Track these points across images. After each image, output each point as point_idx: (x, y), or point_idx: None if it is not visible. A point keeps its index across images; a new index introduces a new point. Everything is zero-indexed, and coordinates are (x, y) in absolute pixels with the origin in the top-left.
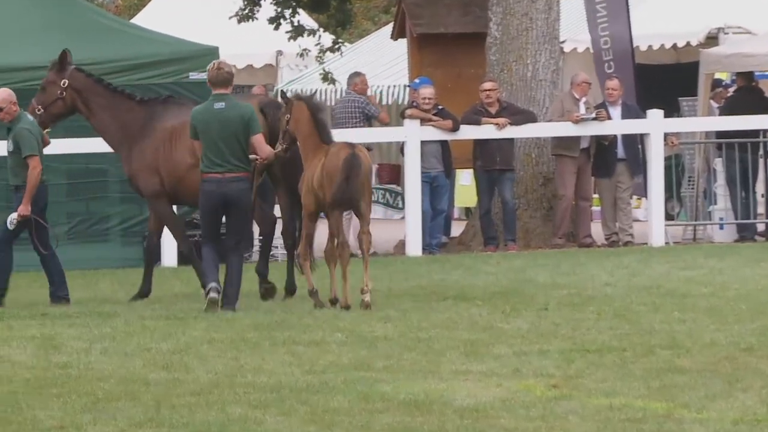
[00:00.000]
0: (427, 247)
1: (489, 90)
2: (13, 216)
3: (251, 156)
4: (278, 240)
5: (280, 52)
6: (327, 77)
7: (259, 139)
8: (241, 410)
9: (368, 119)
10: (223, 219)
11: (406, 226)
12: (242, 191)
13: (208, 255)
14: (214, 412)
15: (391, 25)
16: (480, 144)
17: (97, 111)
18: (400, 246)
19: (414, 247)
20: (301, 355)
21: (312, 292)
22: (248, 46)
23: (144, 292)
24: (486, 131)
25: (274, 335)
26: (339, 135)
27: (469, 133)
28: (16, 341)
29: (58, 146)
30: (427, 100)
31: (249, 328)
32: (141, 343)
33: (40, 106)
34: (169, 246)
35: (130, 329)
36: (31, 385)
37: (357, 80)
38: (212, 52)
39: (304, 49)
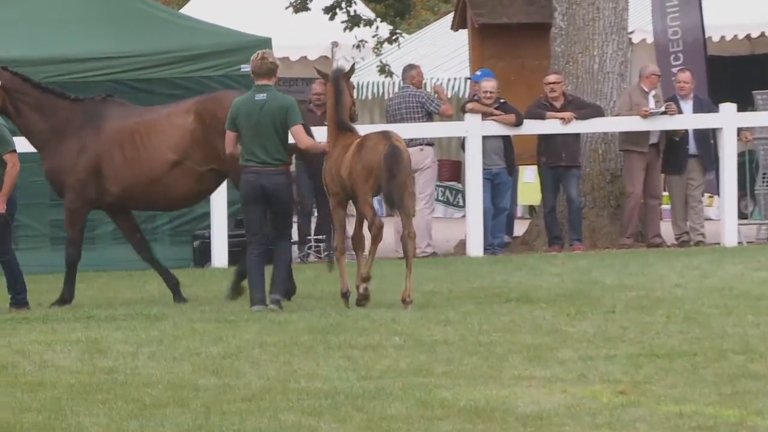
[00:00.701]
0: (488, 247)
1: (553, 83)
2: None
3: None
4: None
5: (335, 44)
6: (384, 69)
7: (298, 130)
8: (294, 417)
9: (429, 115)
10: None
11: (466, 225)
12: (281, 185)
13: (254, 266)
14: (266, 419)
15: (451, 15)
16: (544, 139)
17: (25, 111)
18: (461, 246)
19: (475, 247)
20: (357, 360)
21: (344, 294)
22: (302, 37)
23: (65, 299)
24: (550, 126)
25: (329, 339)
26: (397, 129)
27: (532, 127)
28: (60, 345)
29: None
30: (488, 94)
31: (303, 331)
32: (190, 347)
33: None
34: (219, 246)
35: (178, 332)
36: (75, 391)
37: (413, 73)
38: (265, 44)
39: (361, 41)
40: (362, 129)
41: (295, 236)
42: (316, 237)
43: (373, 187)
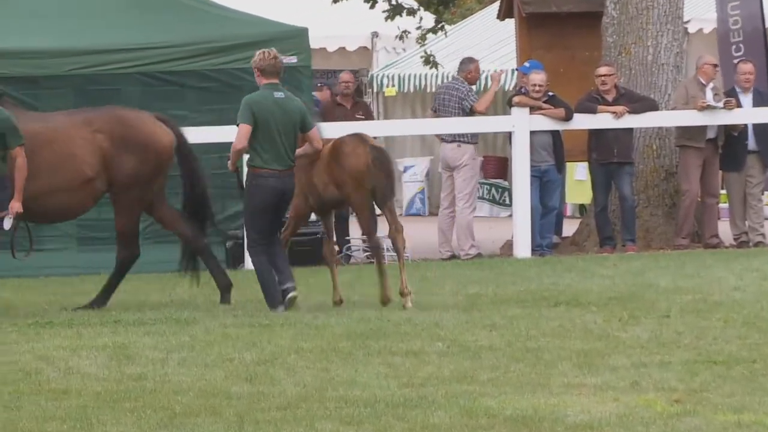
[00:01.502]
0: (536, 248)
1: (605, 75)
2: (11, 215)
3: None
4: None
5: (375, 34)
6: (429, 60)
7: (315, 132)
8: (332, 426)
9: (468, 113)
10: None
11: (513, 224)
12: (294, 187)
13: (268, 268)
14: (302, 428)
15: (497, 4)
16: (595, 134)
17: None
18: (507, 246)
19: (522, 248)
20: (398, 367)
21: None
22: (341, 27)
23: None
24: (602, 120)
25: (369, 344)
26: (442, 123)
27: (583, 122)
28: (86, 351)
29: None
30: (536, 87)
31: (341, 336)
32: (222, 353)
33: None
34: None
35: (210, 338)
36: (102, 399)
37: (471, 67)
38: (301, 34)
39: (404, 31)
40: (395, 125)
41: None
42: (356, 237)
43: (365, 195)
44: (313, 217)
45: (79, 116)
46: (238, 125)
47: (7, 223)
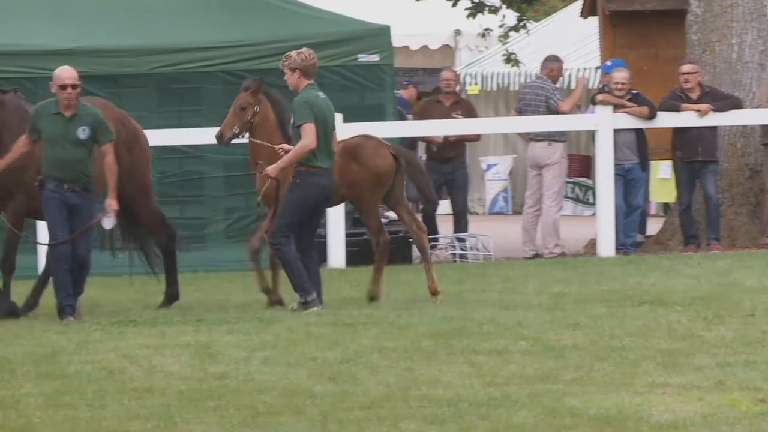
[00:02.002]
0: (620, 247)
1: (689, 73)
2: (110, 214)
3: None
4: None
5: (458, 32)
6: (510, 59)
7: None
8: (416, 426)
9: (553, 111)
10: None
11: (597, 223)
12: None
13: (297, 260)
14: (385, 427)
15: (580, 2)
16: (679, 133)
17: None
18: (591, 245)
19: (606, 247)
20: (482, 366)
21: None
22: (423, 25)
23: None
24: (686, 119)
25: (452, 344)
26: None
27: (667, 120)
28: (170, 349)
29: (212, 135)
30: (620, 85)
31: (424, 336)
32: (305, 352)
33: None
34: (336, 246)
35: (293, 336)
36: (185, 398)
37: (554, 66)
38: (383, 32)
39: (486, 29)
40: (478, 123)
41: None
42: (442, 236)
43: (381, 195)
44: (393, 216)
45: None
46: (300, 126)
47: (108, 223)
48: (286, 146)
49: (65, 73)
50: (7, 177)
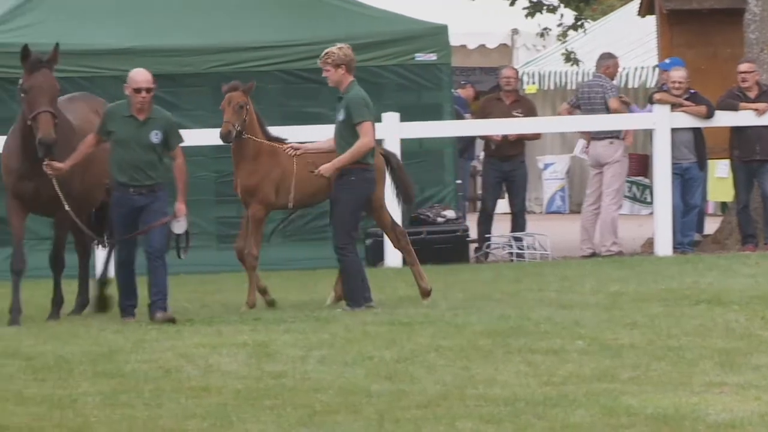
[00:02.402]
0: (678, 246)
1: (746, 72)
2: (181, 218)
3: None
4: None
5: (515, 31)
6: (569, 57)
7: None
8: (472, 425)
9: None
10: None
11: (654, 222)
12: None
13: (362, 271)
14: (442, 426)
15: (638, 1)
16: (737, 132)
17: None
18: (648, 244)
19: (663, 246)
20: (539, 365)
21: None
22: (481, 24)
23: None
24: (744, 118)
25: (509, 343)
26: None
27: (724, 120)
28: (227, 348)
29: (287, 134)
30: (677, 84)
31: (481, 334)
32: (362, 351)
33: None
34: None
35: (350, 336)
36: (242, 397)
37: (609, 62)
38: (441, 31)
39: (545, 28)
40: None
41: (473, 234)
42: (496, 236)
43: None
44: (452, 215)
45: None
46: (359, 123)
47: (179, 227)
48: (295, 145)
49: (140, 76)
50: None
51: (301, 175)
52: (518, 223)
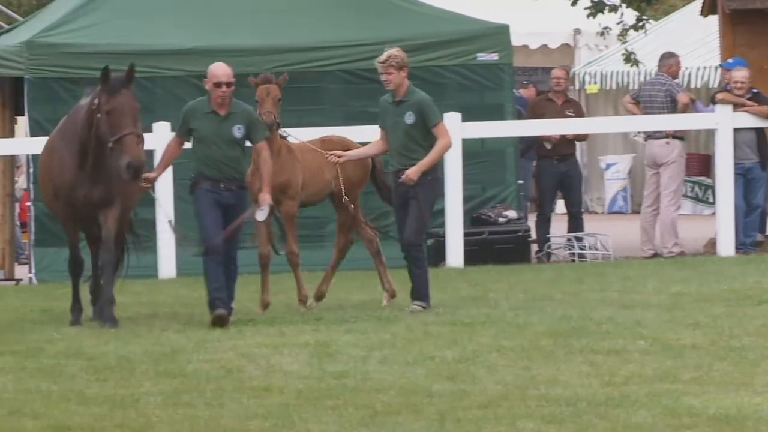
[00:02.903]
0: (740, 246)
1: None
2: (264, 207)
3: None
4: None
5: (577, 31)
6: (629, 58)
7: None
8: (533, 425)
9: (675, 104)
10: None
11: (717, 222)
12: None
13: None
14: (503, 426)
15: (700, 1)
16: None
17: None
18: (711, 245)
19: (726, 246)
20: (600, 365)
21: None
22: (542, 24)
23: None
24: None
25: (570, 343)
26: (643, 120)
27: None
28: (288, 348)
29: (350, 134)
30: (740, 84)
31: (542, 335)
32: (424, 351)
33: None
34: (454, 244)
35: (411, 336)
36: (303, 397)
37: (671, 62)
38: (503, 31)
39: (605, 28)
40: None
41: (533, 235)
42: (557, 236)
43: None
44: (513, 215)
45: None
46: (438, 124)
47: (261, 215)
48: (338, 152)
49: (220, 70)
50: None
51: (306, 174)
52: (576, 223)
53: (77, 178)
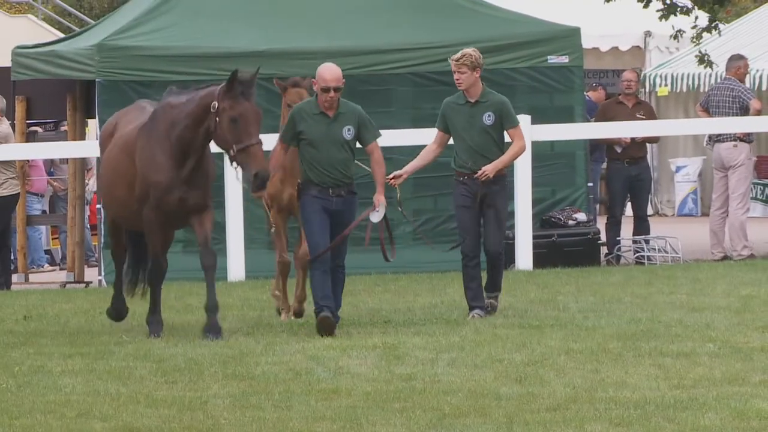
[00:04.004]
0: None
1: None
2: (379, 208)
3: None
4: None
5: (648, 33)
6: (703, 60)
7: None
8: (602, 428)
9: (745, 109)
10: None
11: None
12: None
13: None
14: (571, 429)
15: None
16: None
17: None
18: None
19: None
20: (669, 368)
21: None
22: (613, 26)
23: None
24: None
25: (639, 346)
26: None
27: None
28: (356, 351)
29: (402, 137)
30: None
31: (611, 337)
32: (492, 354)
33: None
34: (523, 247)
35: (480, 338)
36: (371, 399)
37: (739, 63)
38: (573, 34)
39: (679, 30)
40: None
41: (603, 237)
42: (626, 238)
43: None
44: (582, 217)
45: None
46: (517, 126)
47: (376, 216)
48: (397, 173)
49: (328, 73)
50: None
51: None
52: (643, 226)
53: (173, 180)
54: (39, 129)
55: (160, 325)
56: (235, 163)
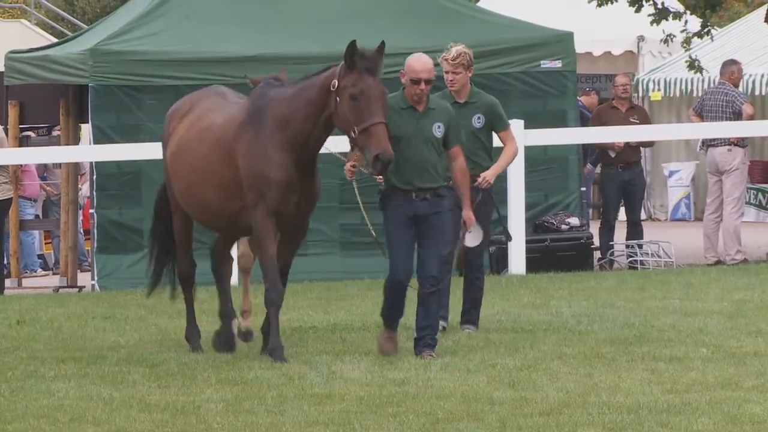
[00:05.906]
0: None
1: None
2: (472, 229)
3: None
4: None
5: (641, 38)
6: (693, 65)
7: None
8: None
9: (738, 114)
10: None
11: None
12: None
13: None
14: None
15: (765, 8)
16: None
17: None
18: None
19: None
20: (662, 373)
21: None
22: (606, 31)
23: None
24: None
25: (632, 350)
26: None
27: None
28: (350, 356)
29: None
30: None
31: (604, 342)
32: (485, 359)
33: None
34: (517, 252)
35: (473, 343)
36: (365, 404)
37: (734, 68)
38: (566, 39)
39: (669, 35)
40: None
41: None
42: (619, 243)
43: None
44: (575, 222)
45: None
46: (509, 128)
47: (472, 239)
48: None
49: (419, 64)
50: None
51: None
52: (636, 230)
53: (291, 178)
54: (32, 134)
55: (281, 348)
56: (359, 145)
